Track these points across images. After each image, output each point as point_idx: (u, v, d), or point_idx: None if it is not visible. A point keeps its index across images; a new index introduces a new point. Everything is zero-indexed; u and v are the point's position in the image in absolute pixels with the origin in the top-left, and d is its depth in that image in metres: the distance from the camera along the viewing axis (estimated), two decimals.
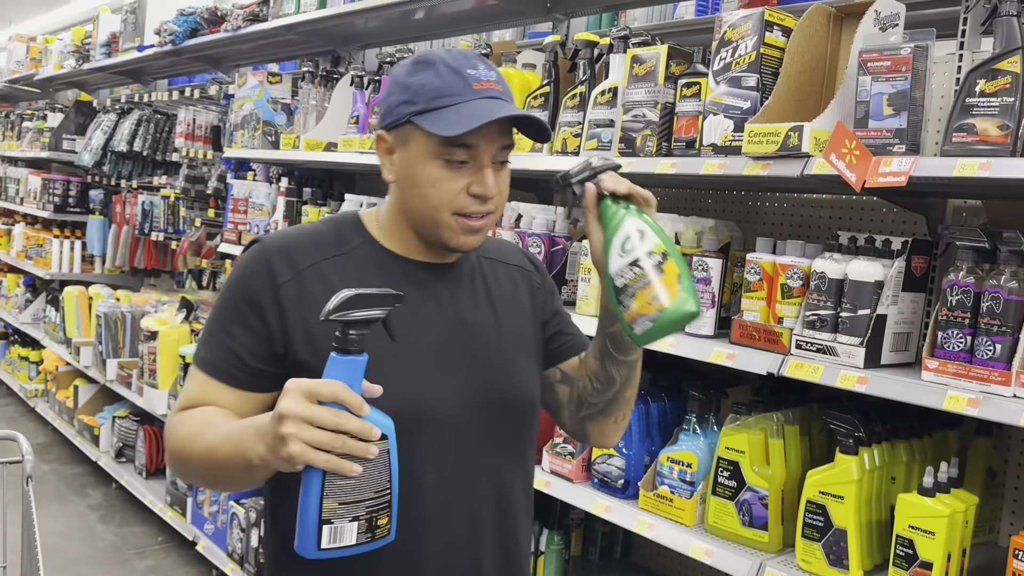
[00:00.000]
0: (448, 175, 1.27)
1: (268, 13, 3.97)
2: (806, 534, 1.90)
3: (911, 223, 2.22)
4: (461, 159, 1.27)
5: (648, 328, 1.23)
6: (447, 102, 1.24)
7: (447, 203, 1.28)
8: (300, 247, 1.34)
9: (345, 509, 1.08)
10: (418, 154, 1.28)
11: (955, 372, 1.69)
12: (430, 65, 1.28)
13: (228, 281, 1.36)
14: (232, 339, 1.29)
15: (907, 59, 1.75)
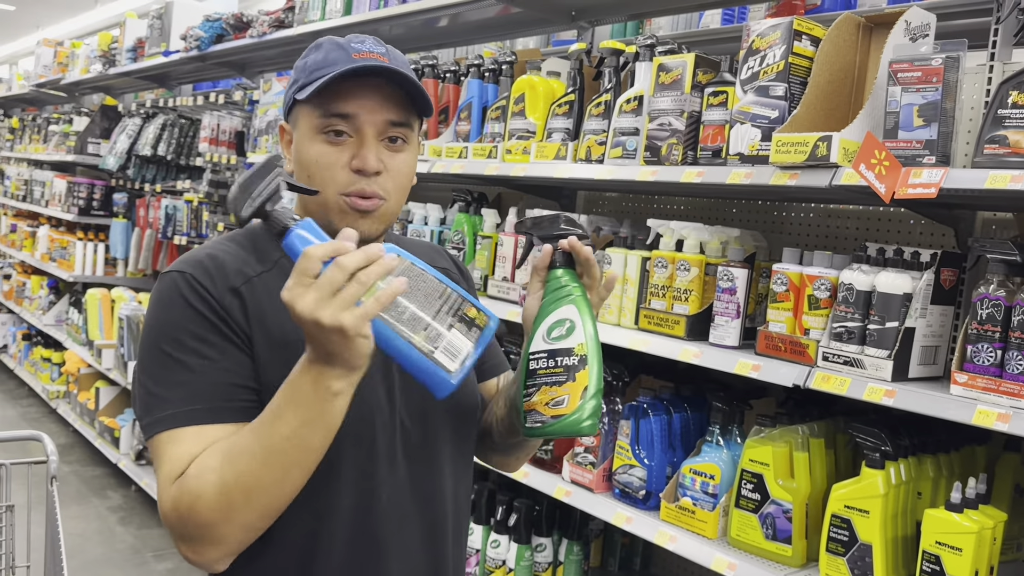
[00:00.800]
0: (329, 150, 1.21)
1: (293, 20, 3.99)
2: (830, 548, 1.88)
3: (939, 235, 2.20)
4: (340, 129, 1.20)
5: (537, 426, 1.19)
6: (322, 73, 1.19)
7: (331, 180, 1.20)
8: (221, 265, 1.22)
9: (432, 328, 1.05)
10: (303, 133, 1.23)
11: (985, 387, 1.67)
12: (319, 47, 1.25)
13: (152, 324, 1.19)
14: (213, 372, 1.14)
15: (938, 70, 1.73)
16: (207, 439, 1.11)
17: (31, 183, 7.70)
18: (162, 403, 1.13)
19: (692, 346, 2.13)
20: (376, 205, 1.22)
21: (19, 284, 7.61)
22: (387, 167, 1.22)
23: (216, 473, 1.07)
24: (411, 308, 1.04)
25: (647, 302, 2.28)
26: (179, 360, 1.14)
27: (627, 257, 2.33)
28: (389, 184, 1.23)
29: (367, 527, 1.24)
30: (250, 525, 1.10)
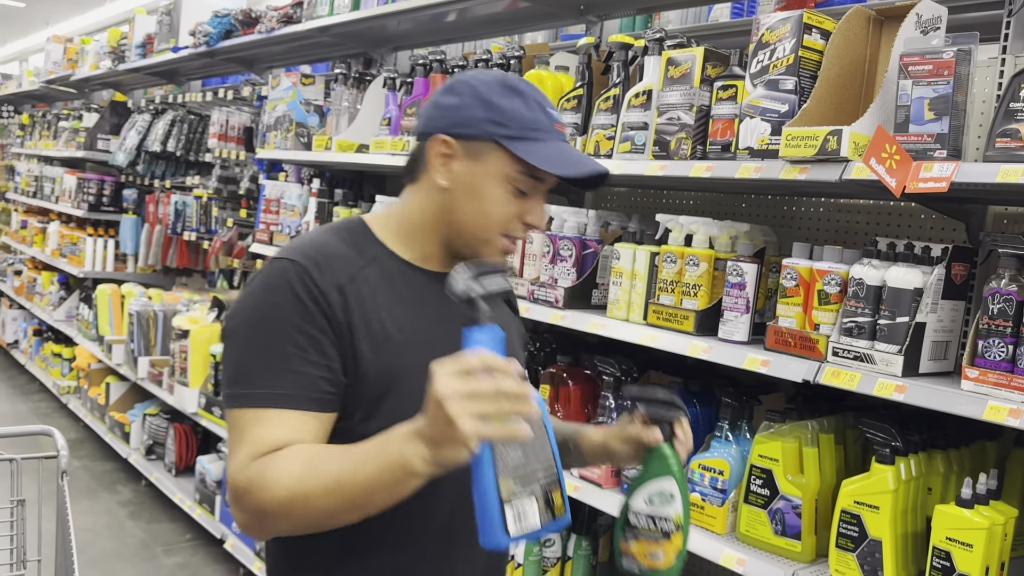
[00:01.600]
0: (512, 200, 1.32)
1: (302, 15, 3.99)
2: (840, 544, 1.87)
3: (950, 229, 2.18)
4: (526, 189, 1.33)
5: (632, 570, 1.39)
6: (538, 136, 1.30)
7: (501, 224, 1.33)
8: (332, 258, 1.29)
9: (521, 486, 1.10)
10: (492, 173, 1.31)
11: (996, 382, 1.66)
12: (519, 94, 1.32)
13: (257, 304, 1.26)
14: (308, 362, 1.21)
15: (949, 63, 1.72)
16: (288, 424, 1.19)
17: (41, 179, 7.73)
18: (251, 380, 1.21)
19: (701, 341, 2.12)
20: (517, 245, 1.41)
21: (30, 280, 7.65)
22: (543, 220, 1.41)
23: (292, 479, 1.13)
24: (518, 457, 1.10)
25: (656, 297, 2.27)
26: (276, 346, 1.21)
27: (636, 252, 2.33)
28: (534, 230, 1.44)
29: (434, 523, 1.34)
30: (298, 528, 1.20)
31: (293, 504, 1.14)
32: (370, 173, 4.11)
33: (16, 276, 8.03)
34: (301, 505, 1.14)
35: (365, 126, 3.47)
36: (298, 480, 1.13)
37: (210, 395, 4.32)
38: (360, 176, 4.16)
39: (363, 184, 4.16)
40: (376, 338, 1.26)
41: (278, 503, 1.14)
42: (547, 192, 1.38)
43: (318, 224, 3.64)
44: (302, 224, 3.77)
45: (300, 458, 1.15)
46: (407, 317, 1.31)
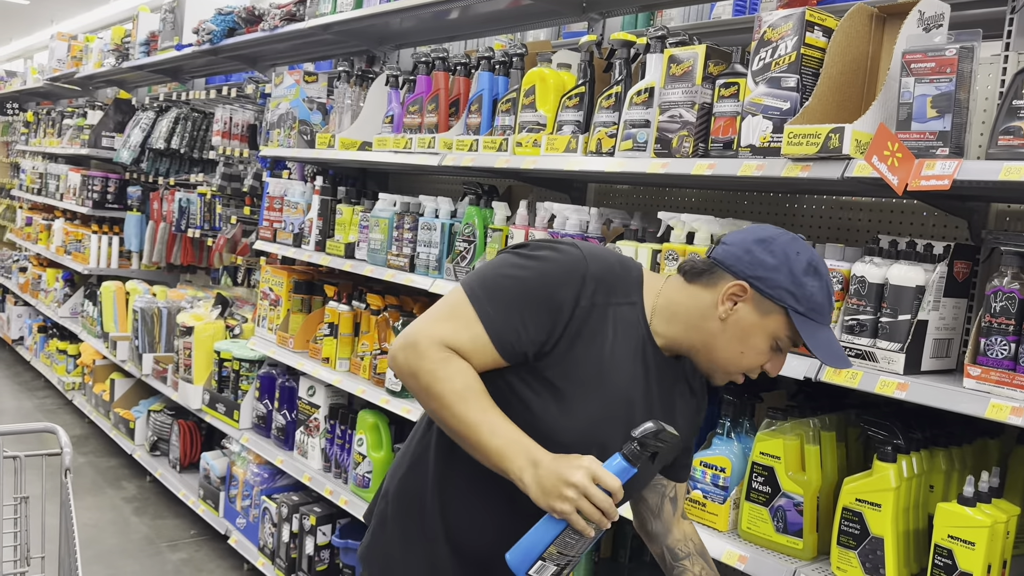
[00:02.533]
0: (766, 353, 1.51)
1: (305, 13, 3.99)
2: (841, 542, 1.87)
3: (952, 227, 2.18)
4: (783, 348, 1.52)
5: None
6: (819, 319, 1.48)
7: (749, 368, 1.53)
8: (608, 281, 1.51)
9: (558, 557, 1.38)
10: (767, 329, 1.49)
11: (998, 380, 1.66)
12: (819, 278, 1.48)
13: (543, 263, 1.49)
14: (523, 320, 1.45)
15: (952, 60, 1.72)
16: (478, 343, 1.45)
17: (46, 176, 7.75)
18: (491, 296, 1.47)
19: None
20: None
21: (35, 277, 7.67)
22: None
23: (448, 385, 1.43)
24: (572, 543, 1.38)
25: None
26: (522, 299, 1.46)
27: (638, 250, 2.33)
28: None
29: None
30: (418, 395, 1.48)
31: (431, 396, 1.44)
32: (373, 170, 4.12)
33: (21, 273, 8.06)
34: (435, 403, 1.45)
35: (368, 124, 3.47)
36: (451, 389, 1.43)
37: (214, 391, 4.33)
38: (363, 173, 4.16)
39: (366, 181, 4.17)
40: (590, 354, 1.48)
41: (424, 383, 1.44)
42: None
43: (321, 221, 3.64)
44: (305, 221, 3.78)
45: (468, 378, 1.44)
46: (622, 364, 1.52)
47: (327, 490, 3.43)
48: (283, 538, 3.66)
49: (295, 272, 3.95)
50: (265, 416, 3.96)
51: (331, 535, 3.55)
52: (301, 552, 3.57)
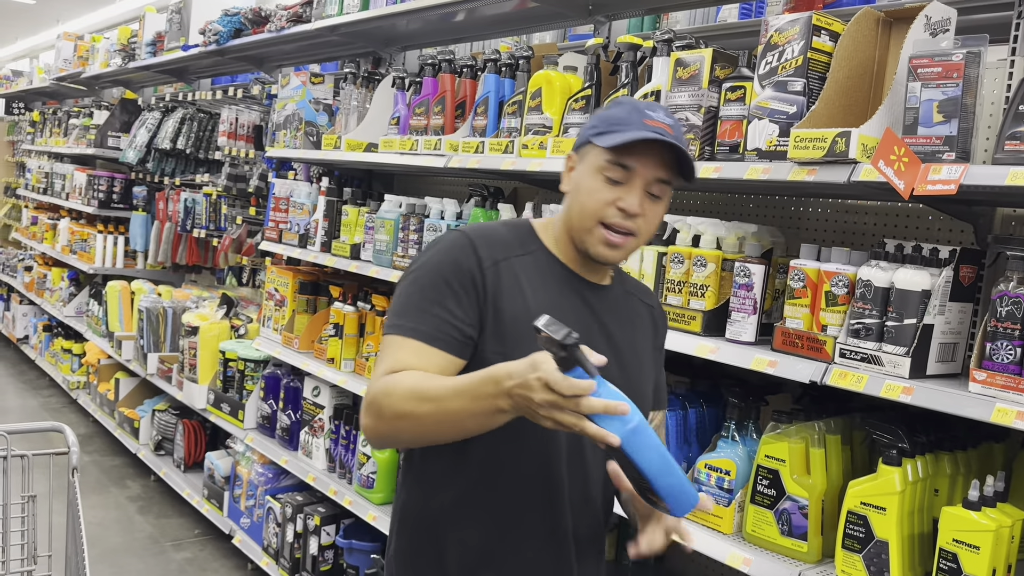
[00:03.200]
0: (604, 188, 1.47)
1: (311, 14, 4.01)
2: (846, 545, 1.87)
3: (958, 231, 2.18)
4: (618, 178, 1.46)
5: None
6: (618, 128, 1.45)
7: (596, 211, 1.47)
8: (496, 241, 1.53)
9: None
10: (588, 167, 1.49)
11: (1004, 384, 1.66)
12: (620, 104, 1.51)
13: (428, 260, 1.51)
14: (446, 311, 1.45)
15: (959, 65, 1.72)
16: (419, 354, 1.44)
17: (52, 176, 7.77)
18: (405, 315, 1.47)
19: (708, 341, 2.13)
20: (626, 241, 1.49)
21: (40, 276, 7.69)
22: (645, 213, 1.48)
23: (406, 391, 1.38)
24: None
25: (663, 297, 2.28)
26: (431, 295, 1.47)
27: (643, 252, 2.33)
28: (642, 226, 1.49)
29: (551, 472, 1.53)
30: (398, 434, 1.44)
31: (400, 410, 1.38)
32: (379, 172, 4.13)
33: (27, 272, 8.08)
34: (405, 411, 1.38)
35: (374, 125, 3.48)
36: (410, 391, 1.38)
37: (219, 391, 4.34)
38: (369, 175, 4.17)
39: (372, 182, 4.18)
40: (516, 310, 1.47)
41: (391, 406, 1.39)
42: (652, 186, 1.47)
43: (327, 222, 3.65)
44: (311, 222, 3.79)
45: (418, 377, 1.40)
46: (546, 300, 1.50)
47: (331, 490, 3.44)
48: (287, 538, 3.67)
49: (300, 273, 3.96)
50: (270, 416, 3.97)
51: (335, 535, 3.56)
52: (305, 552, 3.58)
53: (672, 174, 1.49)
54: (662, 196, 1.50)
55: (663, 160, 1.47)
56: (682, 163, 1.48)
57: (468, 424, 1.34)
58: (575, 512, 1.56)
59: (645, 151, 1.45)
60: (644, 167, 1.46)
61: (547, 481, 1.52)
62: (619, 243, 1.48)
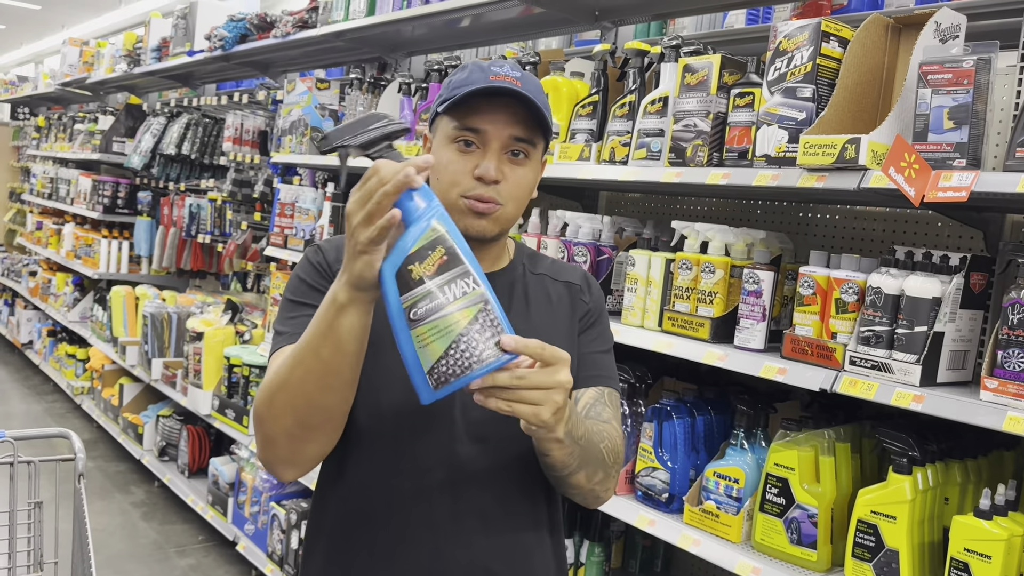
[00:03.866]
0: (458, 157, 1.35)
1: (317, 20, 4.01)
2: (856, 554, 1.86)
3: (968, 237, 2.17)
4: (469, 141, 1.35)
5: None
6: (461, 90, 1.33)
7: (455, 183, 1.35)
8: (334, 248, 1.43)
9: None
10: (440, 140, 1.39)
11: (1015, 393, 1.65)
12: (464, 68, 1.40)
13: (292, 275, 1.45)
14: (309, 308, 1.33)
15: (969, 72, 1.71)
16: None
17: (56, 181, 7.78)
18: (278, 329, 1.39)
19: (717, 349, 2.12)
20: (492, 209, 1.36)
21: (44, 281, 7.70)
22: (506, 177, 1.36)
23: (268, 374, 1.29)
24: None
25: (671, 304, 2.27)
26: (292, 301, 1.41)
27: (651, 259, 2.33)
28: (506, 192, 1.36)
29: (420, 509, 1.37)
30: (288, 429, 1.26)
31: (271, 391, 1.25)
32: None
33: (31, 277, 8.09)
34: (274, 389, 1.25)
35: None
36: (271, 372, 1.28)
37: (223, 397, 4.33)
38: None
39: None
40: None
41: (262, 398, 1.27)
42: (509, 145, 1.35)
43: (332, 228, 3.65)
44: (316, 228, 3.78)
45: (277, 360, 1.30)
46: None
47: None
48: (292, 545, 3.66)
49: None
50: None
51: None
52: None
53: (530, 131, 1.36)
54: (528, 156, 1.37)
55: (515, 117, 1.34)
56: (537, 117, 1.35)
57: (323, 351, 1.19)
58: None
59: (493, 110, 1.33)
60: (495, 126, 1.33)
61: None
62: (485, 211, 1.34)
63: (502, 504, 1.41)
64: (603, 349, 1.53)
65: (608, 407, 1.46)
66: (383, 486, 1.39)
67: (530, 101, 1.33)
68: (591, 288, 1.56)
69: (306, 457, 1.32)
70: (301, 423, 1.27)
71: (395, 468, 1.38)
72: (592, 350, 1.50)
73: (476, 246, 1.36)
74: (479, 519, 1.39)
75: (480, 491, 1.39)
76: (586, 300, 1.53)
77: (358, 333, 1.19)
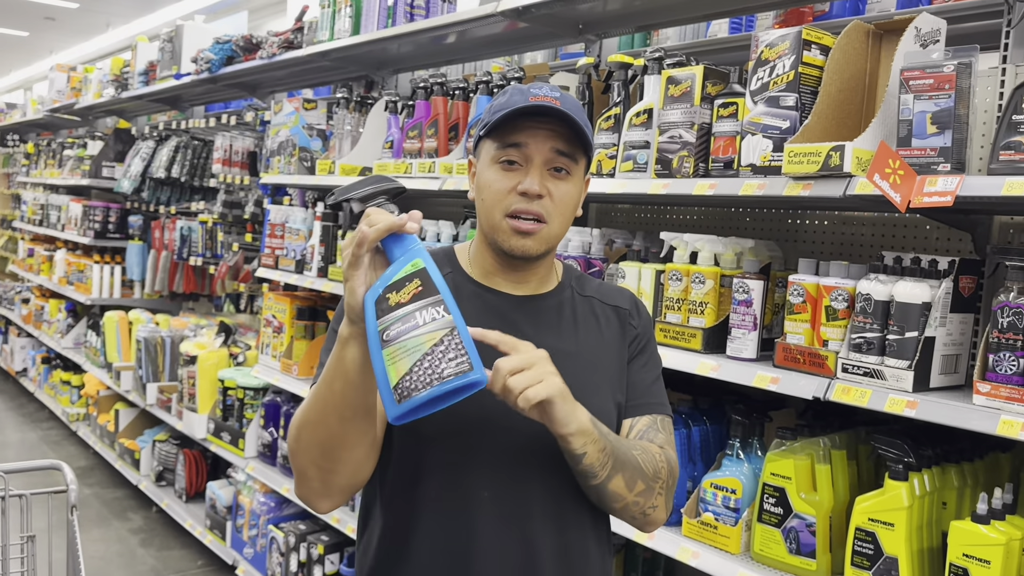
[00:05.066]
0: (502, 176, 1.37)
1: (302, 40, 4.01)
2: (855, 562, 1.85)
3: (956, 240, 2.17)
4: (513, 159, 1.37)
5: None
6: (502, 112, 1.36)
7: (499, 203, 1.37)
8: None
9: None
10: (483, 163, 1.42)
11: (1008, 396, 1.64)
12: (505, 92, 1.42)
13: (338, 307, 1.45)
14: None
15: (950, 77, 1.72)
16: None
17: (47, 207, 7.77)
18: (321, 365, 1.39)
19: (709, 359, 2.11)
20: (536, 228, 1.37)
21: (37, 308, 7.67)
22: (550, 192, 1.37)
23: (298, 409, 1.33)
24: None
25: (662, 315, 2.26)
26: (332, 334, 1.40)
27: (641, 271, 2.32)
28: (551, 207, 1.37)
29: (464, 527, 1.37)
30: (316, 462, 1.31)
31: (298, 428, 1.31)
32: None
33: (24, 304, 8.06)
34: (300, 426, 1.31)
35: (368, 149, 3.48)
36: (300, 408, 1.32)
37: (219, 420, 4.31)
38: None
39: None
40: None
41: (292, 434, 1.33)
42: (552, 160, 1.37)
43: (323, 247, 3.64)
44: (307, 247, 3.78)
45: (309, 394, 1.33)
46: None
47: (334, 518, 3.41)
48: (291, 568, 3.64)
49: (298, 299, 3.94)
50: (270, 444, 3.94)
51: (339, 564, 3.52)
52: None
53: (571, 145, 1.38)
54: (570, 172, 1.39)
55: (556, 132, 1.37)
56: (577, 132, 1.37)
57: (336, 384, 1.24)
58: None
59: (535, 127, 1.36)
60: (536, 142, 1.36)
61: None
62: (529, 229, 1.36)
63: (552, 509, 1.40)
64: (654, 376, 1.54)
65: (661, 432, 1.48)
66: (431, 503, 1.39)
67: (570, 117, 1.36)
68: (640, 312, 1.57)
69: (337, 488, 1.35)
70: (326, 455, 1.30)
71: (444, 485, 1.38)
72: (643, 377, 1.52)
73: (522, 266, 1.43)
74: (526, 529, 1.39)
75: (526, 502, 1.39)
76: (635, 325, 1.54)
77: (360, 364, 1.22)
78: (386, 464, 1.41)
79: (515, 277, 1.45)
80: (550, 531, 1.39)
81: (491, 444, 1.37)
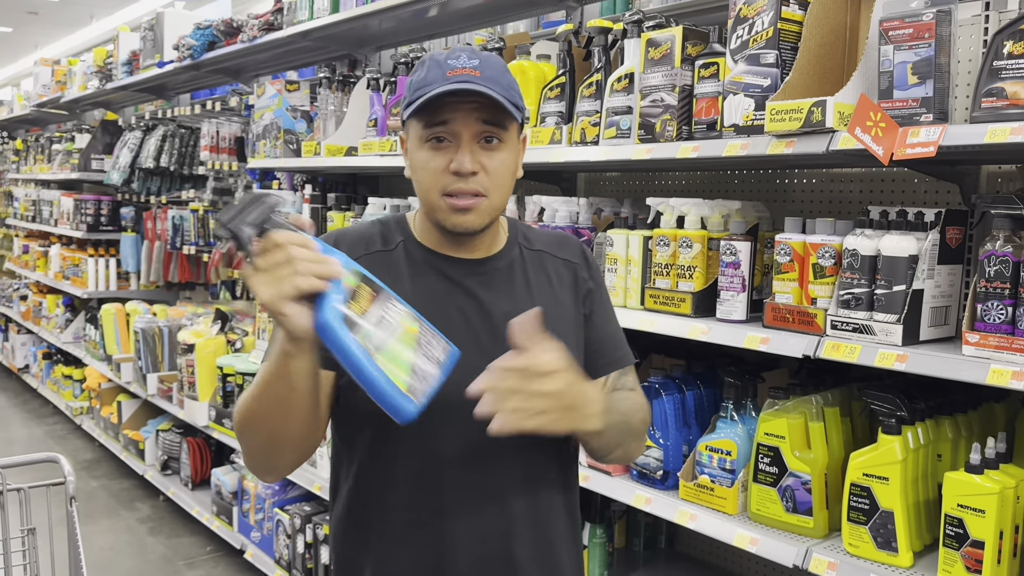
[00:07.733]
0: (432, 155, 1.35)
1: (282, 21, 3.97)
2: (852, 518, 1.86)
3: (944, 192, 2.16)
4: (440, 136, 1.34)
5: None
6: (422, 92, 1.32)
7: (434, 183, 1.35)
8: (357, 239, 1.44)
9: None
10: (413, 142, 1.39)
11: (997, 345, 1.64)
12: (423, 64, 1.37)
13: None
14: None
15: (930, 25, 1.69)
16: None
17: (39, 203, 7.74)
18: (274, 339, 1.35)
19: (700, 323, 2.11)
20: (475, 203, 1.35)
21: (35, 304, 7.68)
22: (484, 166, 1.34)
23: (237, 408, 1.31)
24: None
25: (652, 281, 2.26)
26: None
27: (629, 238, 2.31)
28: (487, 182, 1.35)
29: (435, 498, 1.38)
30: (262, 446, 1.31)
31: (240, 414, 1.30)
32: (363, 175, 4.10)
33: (22, 301, 8.06)
34: (243, 413, 1.29)
35: (353, 128, 3.45)
36: (243, 398, 1.30)
37: (219, 407, 4.32)
38: (353, 179, 4.15)
39: (357, 186, 4.15)
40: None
41: (236, 417, 1.32)
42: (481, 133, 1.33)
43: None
44: None
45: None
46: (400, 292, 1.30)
47: None
48: (298, 549, 3.66)
49: None
50: None
51: None
52: (317, 562, 3.57)
53: (498, 114, 1.34)
54: (502, 140, 1.35)
55: (481, 104, 1.32)
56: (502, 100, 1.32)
57: (279, 389, 1.21)
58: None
59: (457, 102, 1.31)
60: (461, 116, 1.32)
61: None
62: (467, 206, 1.34)
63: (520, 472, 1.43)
64: (614, 325, 1.56)
65: (629, 375, 1.53)
66: (394, 472, 1.40)
67: (488, 93, 1.30)
68: (589, 263, 1.56)
69: (283, 464, 1.36)
70: (272, 442, 1.31)
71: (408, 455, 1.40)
72: (608, 332, 1.53)
73: (467, 239, 1.41)
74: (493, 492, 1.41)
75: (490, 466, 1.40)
76: (586, 277, 1.53)
77: (307, 371, 1.20)
78: (353, 436, 1.42)
79: (464, 241, 1.42)
80: (519, 492, 1.41)
81: (461, 410, 1.33)
